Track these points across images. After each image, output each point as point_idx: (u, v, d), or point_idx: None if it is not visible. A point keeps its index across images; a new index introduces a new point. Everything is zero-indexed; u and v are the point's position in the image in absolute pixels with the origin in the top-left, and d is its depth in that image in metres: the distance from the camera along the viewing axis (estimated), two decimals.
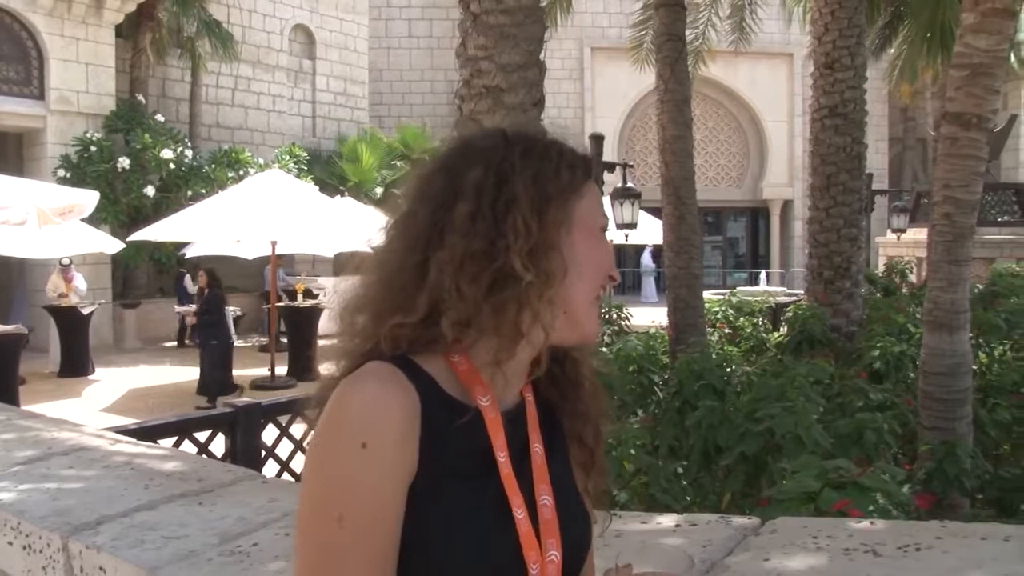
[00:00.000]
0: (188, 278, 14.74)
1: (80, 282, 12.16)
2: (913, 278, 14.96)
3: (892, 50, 15.71)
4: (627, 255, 24.75)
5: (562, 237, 0.92)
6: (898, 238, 17.64)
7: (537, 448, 0.96)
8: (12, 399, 8.55)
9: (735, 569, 1.66)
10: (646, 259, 24.32)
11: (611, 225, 11.44)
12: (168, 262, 14.80)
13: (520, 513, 0.90)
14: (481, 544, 0.87)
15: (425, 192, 0.96)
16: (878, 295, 11.65)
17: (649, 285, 24.06)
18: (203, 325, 10.26)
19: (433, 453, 0.86)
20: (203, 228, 11.12)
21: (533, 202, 0.92)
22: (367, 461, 0.83)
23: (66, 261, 11.76)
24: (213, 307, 10.22)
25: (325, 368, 0.97)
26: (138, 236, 11.42)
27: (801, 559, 1.69)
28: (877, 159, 25.33)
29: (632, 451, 3.57)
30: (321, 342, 11.91)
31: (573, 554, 0.95)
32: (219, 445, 4.51)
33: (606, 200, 11.13)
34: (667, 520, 1.98)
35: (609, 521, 1.07)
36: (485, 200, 0.91)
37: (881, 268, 16.58)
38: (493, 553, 0.88)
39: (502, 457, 0.91)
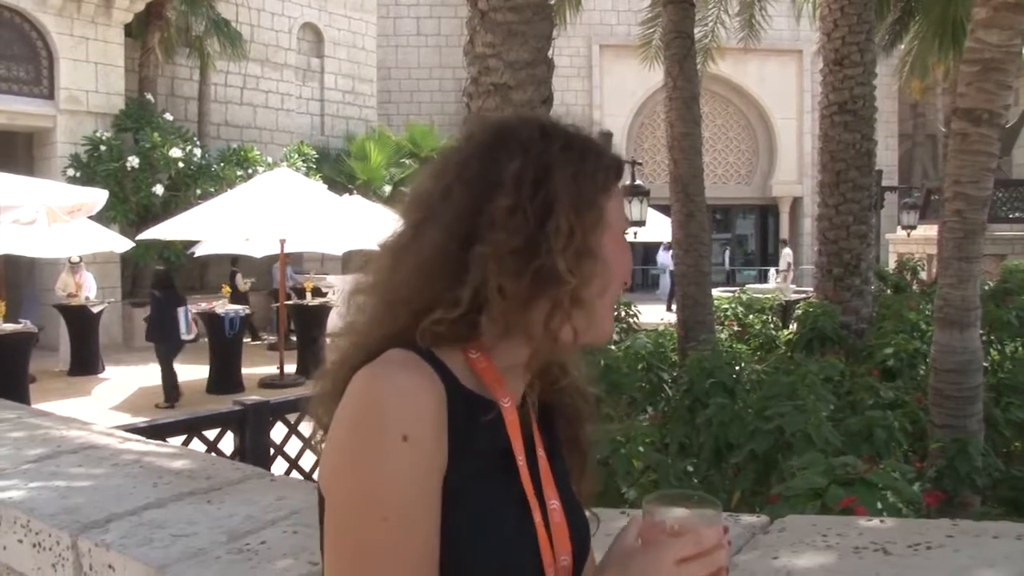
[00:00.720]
0: (239, 276, 14.84)
1: (89, 281, 12.21)
2: (924, 275, 14.91)
3: (902, 46, 15.65)
4: (636, 252, 24.69)
5: (597, 240, 0.91)
6: (908, 235, 17.59)
7: (541, 452, 0.95)
8: (23, 397, 8.59)
9: (744, 567, 1.65)
10: (662, 256, 24.27)
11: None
12: (177, 261, 14.85)
13: (539, 516, 0.89)
14: (505, 546, 0.86)
15: (461, 176, 0.92)
16: (889, 292, 11.61)
17: (666, 281, 24.03)
18: (149, 326, 10.24)
19: (458, 449, 0.84)
20: (212, 227, 11.15)
21: (573, 202, 0.90)
22: (410, 455, 0.80)
23: (76, 260, 11.81)
24: (156, 309, 10.16)
25: (334, 352, 0.94)
26: (147, 235, 11.46)
27: (810, 557, 1.68)
28: (887, 156, 25.23)
29: (641, 448, 3.55)
30: (330, 340, 11.92)
31: (578, 558, 0.94)
32: (228, 443, 4.53)
33: None
34: None
35: (598, 525, 1.04)
36: (524, 195, 0.89)
37: (892, 265, 16.53)
38: (515, 555, 0.87)
39: (521, 460, 0.89)
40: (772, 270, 24.21)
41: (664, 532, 0.84)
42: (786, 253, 22.00)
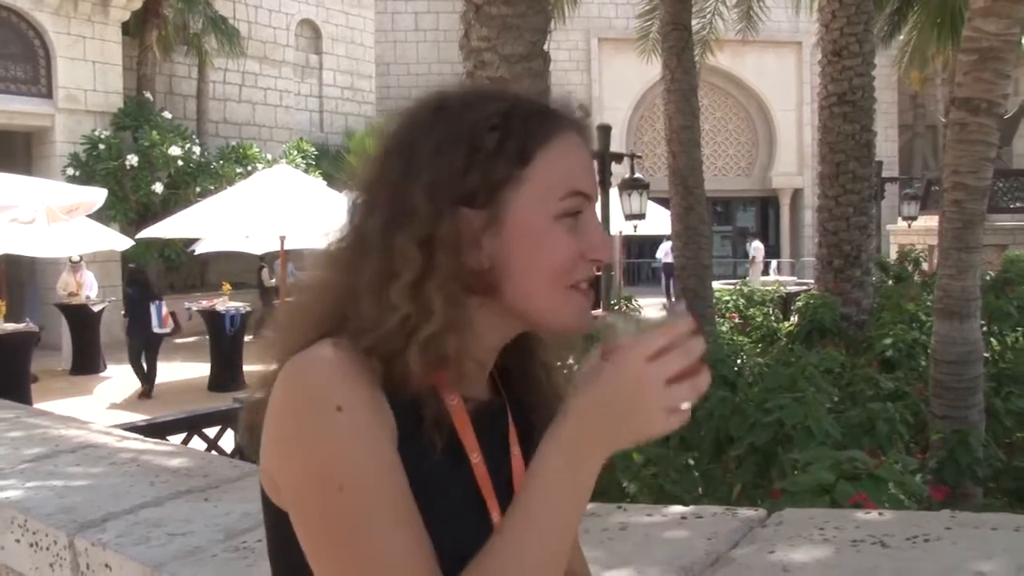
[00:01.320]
0: (266, 271, 14.88)
1: (90, 280, 12.20)
2: (926, 266, 14.89)
3: (901, 36, 15.62)
4: (633, 246, 24.61)
5: (487, 248, 0.80)
6: (909, 226, 17.55)
7: (516, 451, 0.89)
8: (24, 397, 8.59)
9: (740, 561, 1.64)
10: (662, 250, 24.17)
11: (619, 214, 11.35)
12: (178, 259, 14.85)
13: (496, 517, 0.83)
14: (462, 542, 0.79)
15: (357, 190, 0.86)
16: (890, 283, 11.60)
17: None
18: (128, 323, 10.78)
19: (407, 433, 0.78)
20: (212, 224, 11.12)
21: (430, 217, 0.79)
22: (347, 424, 0.74)
23: (76, 259, 11.81)
24: (129, 305, 10.70)
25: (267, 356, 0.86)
26: (147, 233, 11.45)
27: (807, 551, 1.67)
28: (887, 147, 25.18)
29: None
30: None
31: None
32: (229, 441, 4.53)
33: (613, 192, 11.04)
34: (672, 512, 1.96)
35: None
36: (389, 210, 0.81)
37: (893, 256, 16.52)
38: (467, 549, 0.79)
39: (476, 458, 0.83)
40: (773, 263, 24.19)
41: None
42: (755, 246, 21.96)
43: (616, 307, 9.46)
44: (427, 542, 0.76)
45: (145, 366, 10.50)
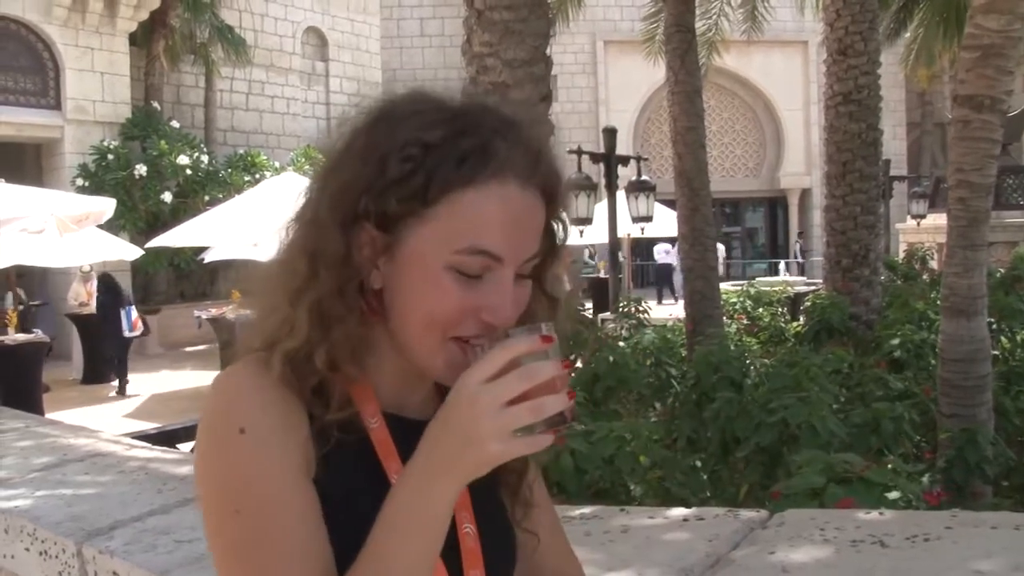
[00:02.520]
0: None
1: None
2: (935, 264, 14.82)
3: (908, 34, 15.57)
4: (641, 248, 24.55)
5: (383, 271, 0.79)
6: (918, 224, 17.45)
7: None
8: (36, 407, 8.64)
9: (740, 563, 1.65)
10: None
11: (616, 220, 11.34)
12: (187, 267, 14.90)
13: None
14: None
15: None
16: (898, 282, 11.57)
17: (678, 278, 23.78)
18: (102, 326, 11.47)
19: (328, 457, 0.77)
20: (221, 232, 11.20)
21: (323, 228, 0.79)
22: (249, 448, 0.74)
23: (87, 269, 11.89)
24: (100, 311, 11.45)
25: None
26: (157, 242, 11.53)
27: (807, 552, 1.68)
28: (895, 145, 25.09)
29: (646, 444, 3.54)
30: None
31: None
32: None
33: (620, 195, 11.05)
34: (675, 514, 1.97)
35: (537, 543, 0.95)
36: (301, 212, 0.84)
37: (901, 255, 16.46)
38: None
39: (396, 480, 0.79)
40: (781, 263, 24.12)
41: None
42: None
43: (624, 309, 9.44)
44: (328, 565, 0.75)
45: (117, 368, 11.24)
